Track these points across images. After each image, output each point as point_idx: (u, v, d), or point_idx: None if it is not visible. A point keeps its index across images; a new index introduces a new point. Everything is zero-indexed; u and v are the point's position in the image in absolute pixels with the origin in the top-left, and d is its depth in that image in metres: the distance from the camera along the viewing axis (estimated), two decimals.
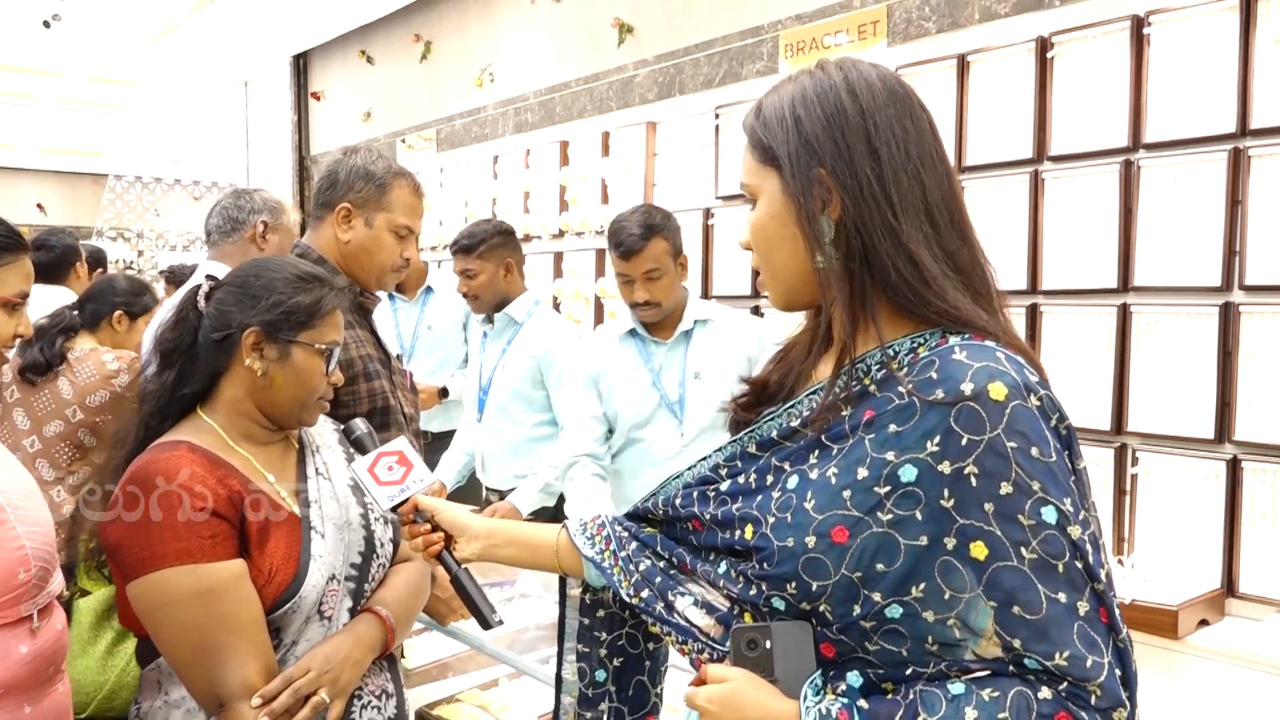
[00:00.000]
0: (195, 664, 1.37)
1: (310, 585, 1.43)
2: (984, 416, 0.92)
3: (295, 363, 1.49)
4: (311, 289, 1.52)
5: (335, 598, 1.48)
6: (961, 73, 3.07)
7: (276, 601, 1.41)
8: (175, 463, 1.40)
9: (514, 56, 4.65)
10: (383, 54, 5.54)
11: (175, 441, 1.46)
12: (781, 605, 1.01)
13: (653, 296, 2.54)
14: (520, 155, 4.84)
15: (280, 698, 1.35)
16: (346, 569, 1.51)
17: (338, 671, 1.42)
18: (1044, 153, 2.90)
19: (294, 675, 1.38)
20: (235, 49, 6.23)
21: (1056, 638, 0.90)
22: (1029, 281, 2.93)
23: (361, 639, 1.48)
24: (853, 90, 1.02)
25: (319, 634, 1.46)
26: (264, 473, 1.49)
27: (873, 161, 1.00)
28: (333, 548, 1.49)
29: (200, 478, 1.39)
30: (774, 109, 1.05)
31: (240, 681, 1.35)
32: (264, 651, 1.39)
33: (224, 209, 2.79)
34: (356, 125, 5.80)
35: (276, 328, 1.49)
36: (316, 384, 1.51)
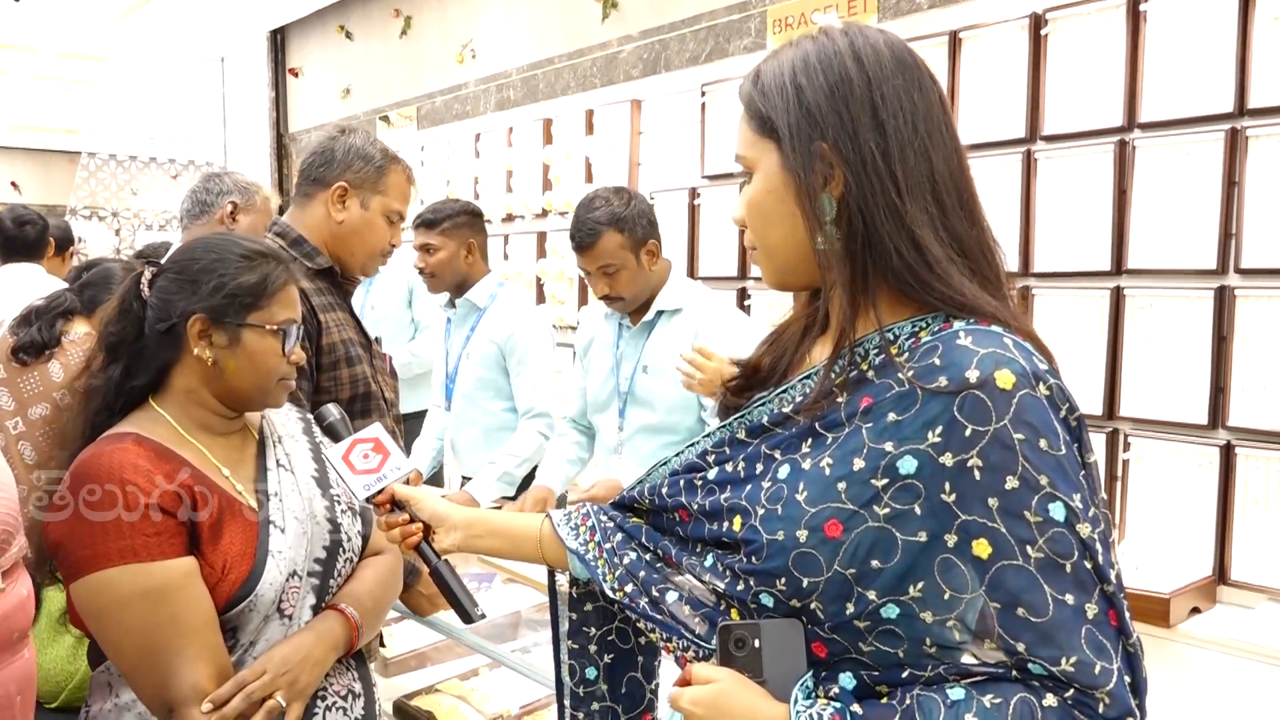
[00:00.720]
0: (143, 667, 1.30)
1: (267, 583, 1.36)
2: (990, 406, 0.86)
3: (247, 346, 1.42)
4: (256, 266, 1.44)
5: (297, 595, 1.41)
6: (953, 50, 3.00)
7: (231, 600, 1.34)
8: (119, 456, 1.33)
9: (496, 32, 4.55)
10: (362, 29, 5.43)
11: (122, 434, 1.38)
12: (770, 602, 0.95)
13: (612, 290, 2.45)
14: (503, 133, 4.75)
15: (232, 702, 1.28)
16: (309, 564, 1.44)
17: (296, 673, 1.35)
18: (1037, 132, 2.84)
19: (247, 678, 1.31)
20: (211, 24, 6.09)
21: (1063, 642, 0.84)
22: (1021, 263, 2.87)
23: (323, 638, 1.41)
24: (859, 58, 0.95)
25: (279, 633, 1.39)
26: (219, 465, 1.42)
27: (878, 136, 0.93)
28: (294, 543, 1.42)
29: (145, 472, 1.32)
30: (774, 76, 0.98)
31: (190, 685, 1.28)
32: (216, 653, 1.32)
33: (193, 192, 2.74)
34: (335, 102, 5.68)
35: (222, 312, 1.41)
36: (273, 365, 1.43)
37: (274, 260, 1.47)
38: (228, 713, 1.27)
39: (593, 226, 2.39)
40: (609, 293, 2.44)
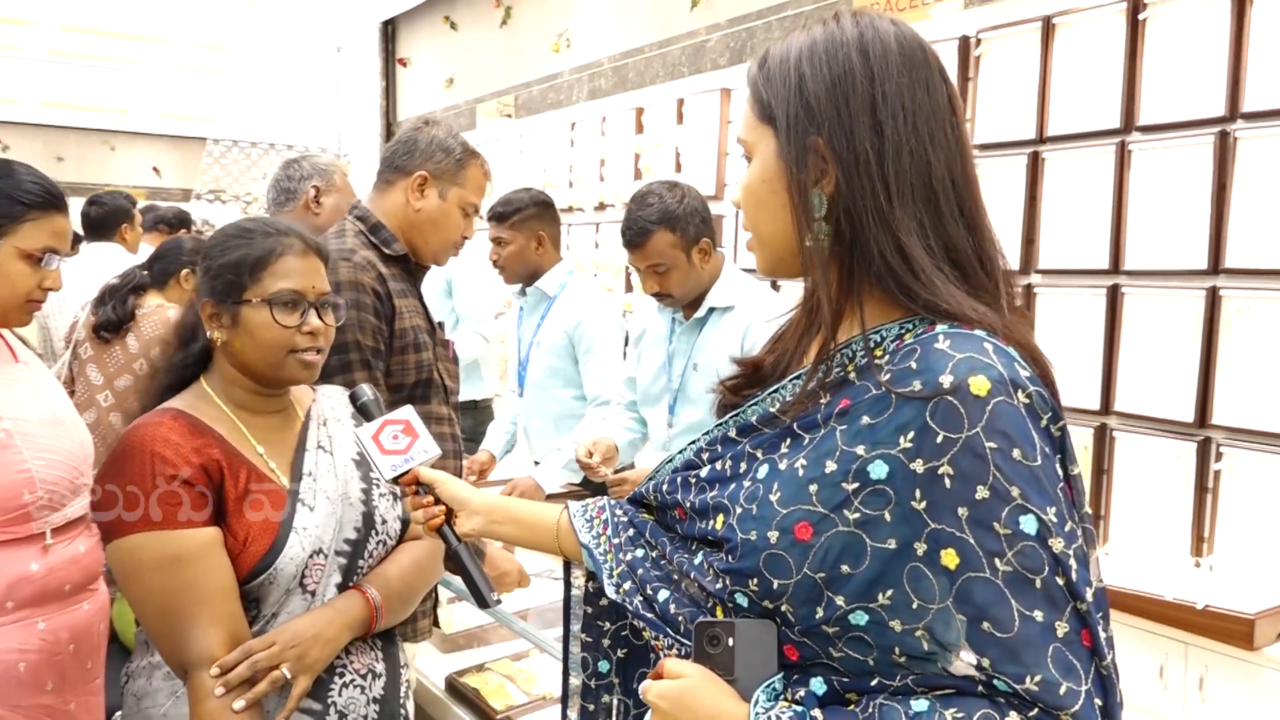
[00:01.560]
0: (162, 630, 1.37)
1: (288, 557, 1.40)
2: (962, 413, 0.83)
3: (246, 323, 1.45)
4: (246, 242, 1.48)
5: (321, 572, 1.45)
6: (1046, 36, 2.88)
7: (251, 571, 1.39)
8: (153, 430, 1.40)
9: (590, 21, 4.59)
10: (466, 19, 5.54)
11: (164, 409, 1.46)
12: (745, 602, 0.94)
13: (662, 288, 2.42)
14: (596, 122, 4.79)
15: (237, 669, 1.33)
16: (338, 543, 1.47)
17: (305, 648, 1.38)
18: (1132, 123, 2.71)
19: (254, 648, 1.35)
20: (328, 15, 6.32)
21: (1029, 659, 0.81)
22: (1111, 260, 2.75)
23: (339, 616, 1.44)
24: (865, 51, 0.92)
25: (301, 607, 1.43)
26: (254, 443, 1.47)
27: (874, 136, 0.91)
28: (321, 521, 1.45)
29: (175, 445, 1.38)
30: (779, 61, 0.96)
31: (202, 649, 1.33)
32: (231, 621, 1.36)
33: (276, 180, 2.85)
34: (439, 92, 5.83)
35: (222, 293, 1.46)
36: (273, 338, 1.44)
37: (266, 234, 1.49)
38: (232, 678, 1.32)
39: (643, 225, 2.35)
40: (659, 290, 2.43)
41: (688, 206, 2.38)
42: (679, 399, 2.51)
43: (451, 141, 2.06)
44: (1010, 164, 2.97)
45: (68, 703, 1.65)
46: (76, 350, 2.88)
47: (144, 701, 1.43)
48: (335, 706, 1.44)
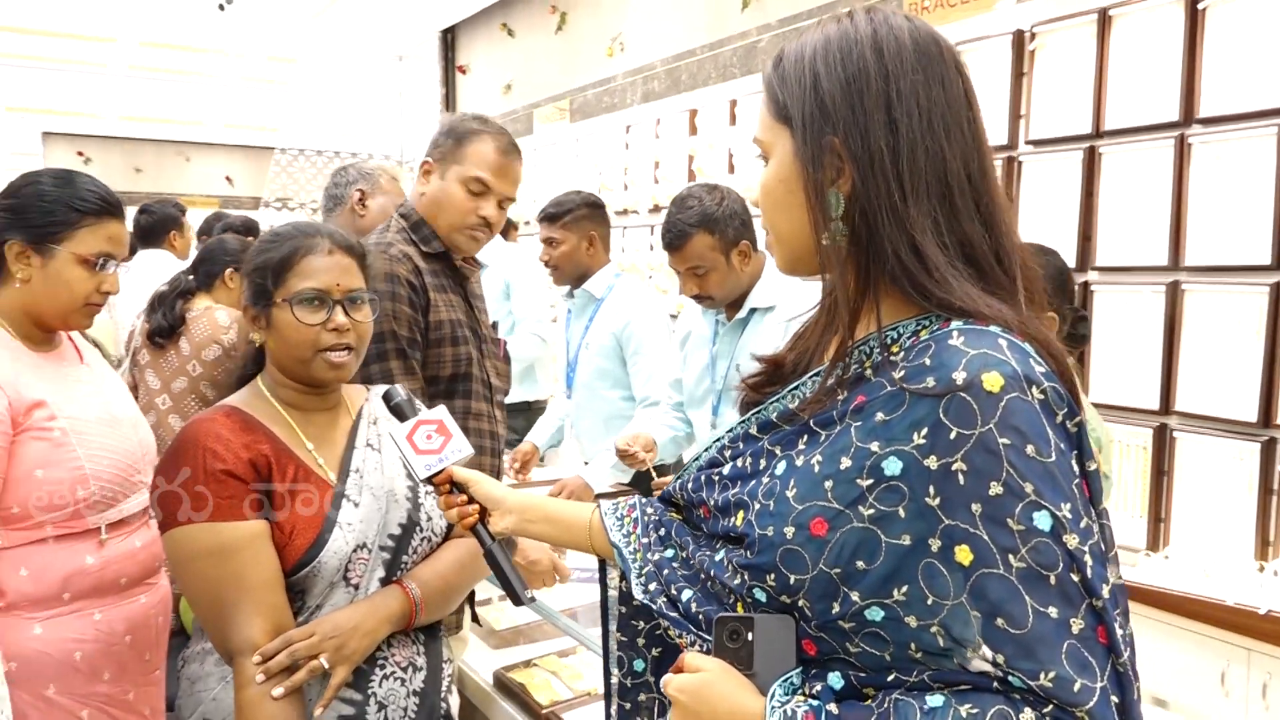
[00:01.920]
0: (210, 617, 1.42)
1: (331, 551, 1.44)
2: (975, 409, 0.83)
3: (276, 324, 1.50)
4: (271, 246, 1.52)
5: (365, 566, 1.49)
6: (1102, 28, 2.83)
7: (296, 564, 1.44)
8: (207, 427, 1.45)
9: (643, 24, 4.61)
10: (522, 26, 5.62)
11: (220, 405, 1.52)
12: (763, 597, 0.95)
13: (701, 290, 2.42)
14: (651, 125, 4.82)
15: (277, 657, 1.37)
16: (381, 539, 1.51)
17: (344, 639, 1.41)
18: (1192, 115, 2.64)
19: (295, 637, 1.39)
20: (390, 24, 6.46)
21: (1043, 656, 0.81)
22: (1171, 257, 2.68)
23: (378, 610, 1.47)
24: (879, 48, 0.93)
25: (345, 600, 1.47)
26: (304, 440, 1.52)
27: (889, 134, 0.91)
28: (366, 517, 1.49)
29: (226, 441, 1.43)
30: (794, 61, 0.97)
31: (245, 637, 1.38)
32: (274, 611, 1.41)
33: (326, 189, 2.93)
34: (497, 97, 5.91)
35: (255, 298, 1.52)
36: (299, 338, 1.48)
37: (293, 236, 1.53)
38: (272, 666, 1.36)
39: (682, 228, 2.35)
40: (699, 292, 2.43)
41: (727, 209, 2.37)
42: (722, 400, 2.52)
43: (456, 123, 2.04)
44: (1066, 160, 2.92)
45: (126, 693, 1.72)
46: (135, 357, 2.98)
47: (196, 685, 1.49)
48: (375, 697, 1.47)
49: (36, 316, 1.71)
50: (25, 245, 1.65)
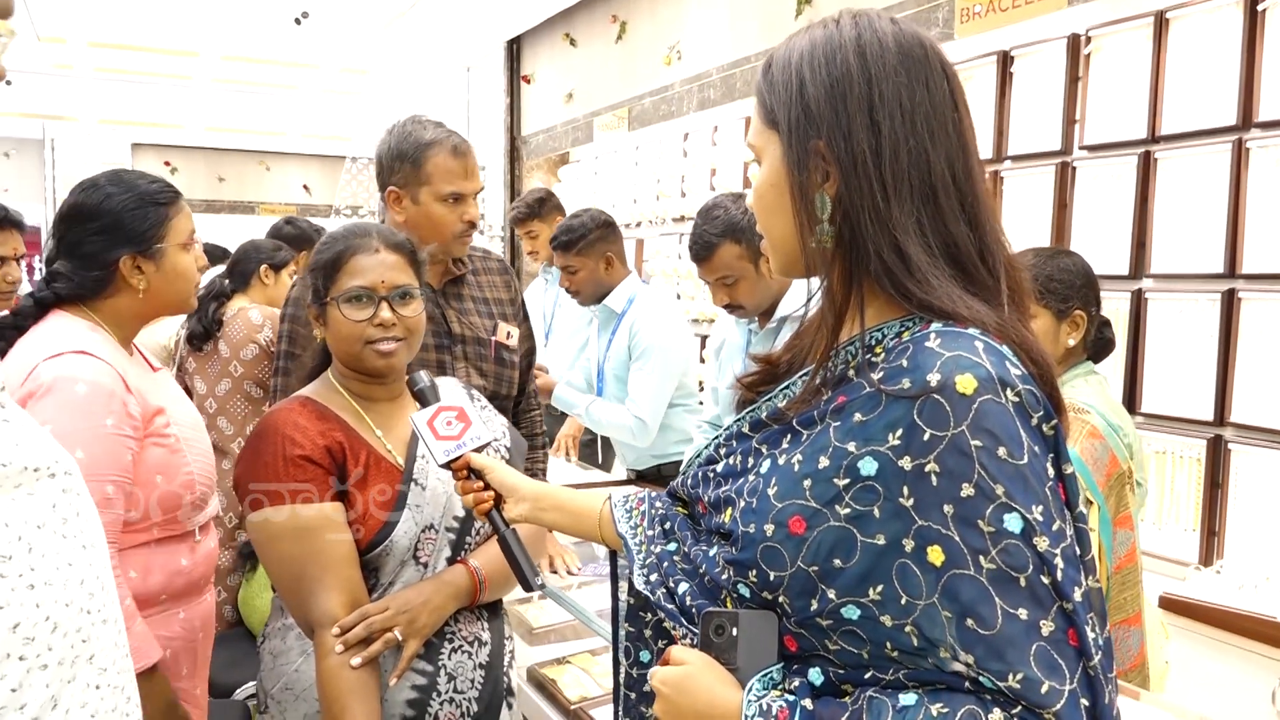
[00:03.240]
0: (291, 592, 1.52)
1: (402, 532, 1.54)
2: (948, 411, 0.85)
3: (330, 321, 1.59)
4: (325, 247, 1.61)
5: (433, 545, 1.58)
6: (1159, 32, 2.77)
7: (370, 544, 1.53)
8: (286, 416, 1.55)
9: (699, 32, 4.64)
10: (584, 36, 5.69)
11: (295, 396, 1.63)
12: (747, 592, 0.98)
13: (732, 300, 2.42)
14: (708, 132, 4.84)
15: (355, 629, 1.46)
16: (448, 520, 1.60)
17: (415, 613, 1.51)
18: (1251, 120, 2.57)
19: (371, 611, 1.49)
20: (457, 35, 6.60)
21: (1012, 657, 0.82)
22: (1227, 264, 2.61)
23: (445, 587, 1.56)
24: (862, 51, 0.95)
25: (414, 577, 1.56)
26: (373, 427, 1.61)
27: (872, 136, 0.93)
28: (433, 500, 1.58)
29: (303, 428, 1.53)
30: (782, 67, 1.00)
31: (324, 610, 1.47)
32: (351, 586, 1.50)
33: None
34: (560, 106, 5.99)
35: (314, 297, 1.61)
36: (349, 332, 1.56)
37: (344, 237, 1.61)
38: (350, 638, 1.46)
39: (709, 239, 2.37)
40: (729, 302, 2.44)
41: (752, 217, 2.37)
42: None
43: (404, 144, 2.04)
44: (1121, 165, 2.87)
45: (195, 686, 1.81)
46: (182, 365, 3.10)
47: (279, 660, 1.59)
48: (445, 669, 1.57)
49: (156, 314, 1.78)
50: (135, 256, 1.70)
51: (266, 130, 10.64)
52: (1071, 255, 1.93)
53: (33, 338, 1.64)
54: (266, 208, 11.82)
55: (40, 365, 1.54)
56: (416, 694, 1.54)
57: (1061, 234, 3.03)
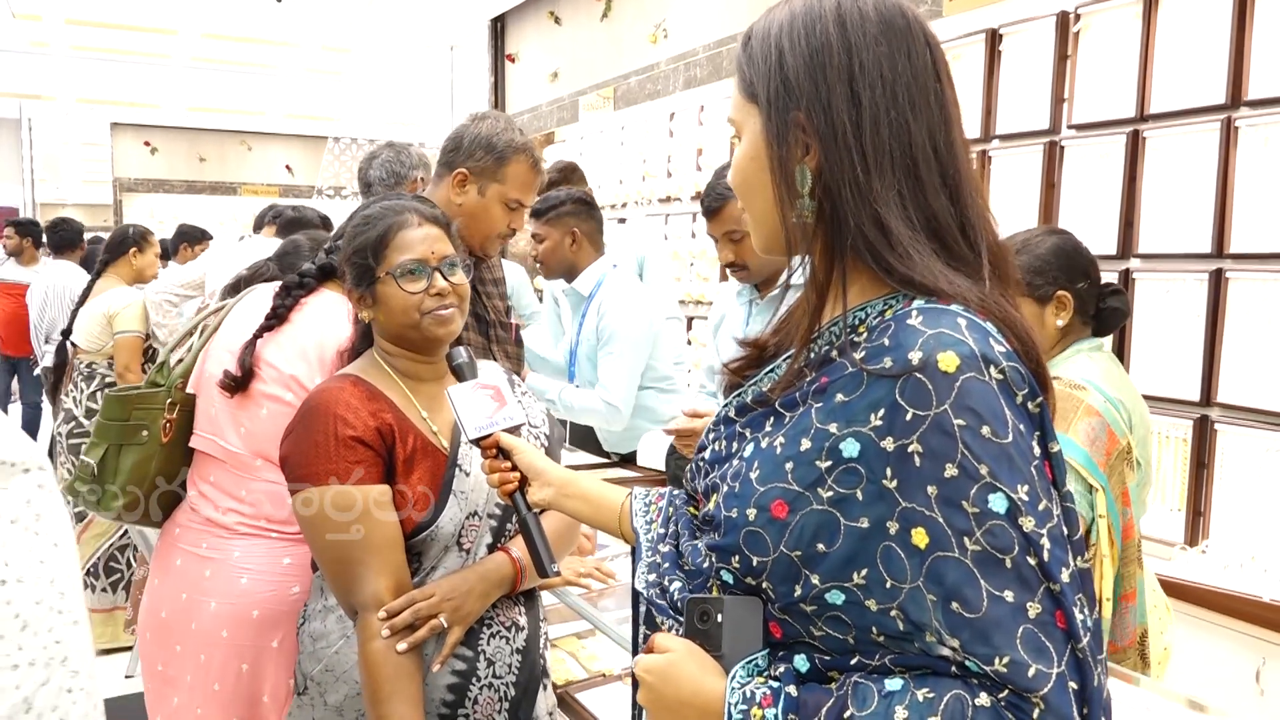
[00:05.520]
0: (337, 574, 1.50)
1: (447, 518, 1.52)
2: (931, 390, 0.82)
3: (383, 299, 1.56)
4: (365, 228, 1.58)
5: (476, 532, 1.56)
6: (1149, 10, 2.74)
7: (415, 529, 1.51)
8: (336, 395, 1.52)
9: (686, 10, 4.60)
10: (569, 14, 5.63)
11: (344, 374, 1.59)
12: (730, 579, 0.95)
13: (737, 258, 2.41)
14: (694, 112, 4.80)
15: (402, 615, 1.45)
16: (490, 507, 1.58)
17: (460, 600, 1.50)
18: (1240, 98, 2.55)
19: (417, 597, 1.47)
20: (441, 13, 6.53)
21: (998, 641, 0.80)
22: (1215, 244, 2.60)
23: (488, 575, 1.55)
24: (842, 21, 0.92)
25: (457, 563, 1.55)
26: (419, 408, 1.58)
27: (851, 107, 0.90)
28: (476, 485, 1.56)
29: (354, 409, 1.50)
30: (761, 39, 0.97)
31: (371, 593, 1.46)
32: (396, 570, 1.48)
33: (386, 162, 2.95)
34: (545, 85, 5.94)
35: (358, 279, 1.57)
36: (406, 304, 1.54)
37: (383, 215, 1.58)
38: (397, 623, 1.44)
39: (720, 193, 2.38)
40: (734, 260, 2.43)
41: None
42: None
43: (495, 138, 2.08)
44: (1109, 144, 2.85)
45: None
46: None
47: (319, 642, 1.57)
48: (484, 654, 1.56)
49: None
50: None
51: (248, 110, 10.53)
52: (1059, 233, 1.91)
53: None
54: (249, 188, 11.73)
55: None
56: (457, 679, 1.53)
57: (1049, 213, 3.01)
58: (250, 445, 1.71)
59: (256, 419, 1.71)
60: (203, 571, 1.69)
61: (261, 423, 1.70)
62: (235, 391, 1.71)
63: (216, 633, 1.66)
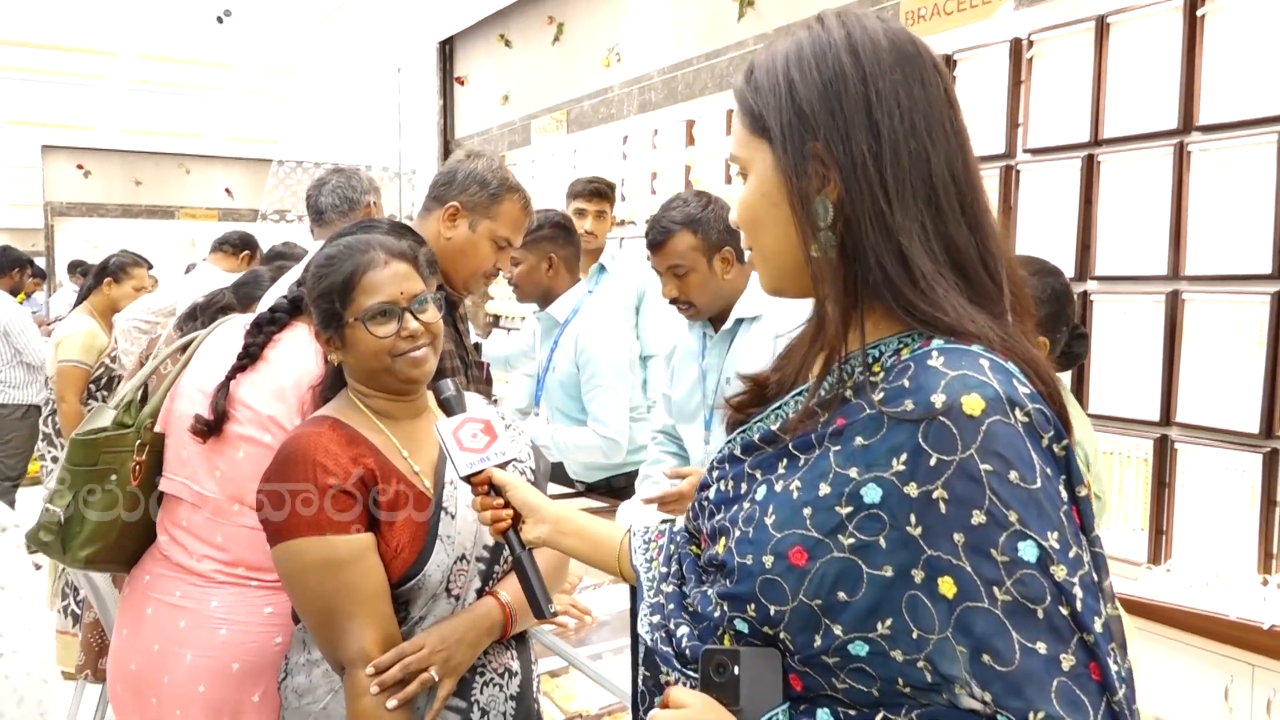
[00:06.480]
0: (321, 627, 1.43)
1: (435, 564, 1.46)
2: (955, 434, 0.80)
3: (351, 343, 1.50)
4: (330, 269, 1.51)
5: (464, 577, 1.51)
6: (1100, 36, 2.80)
7: (402, 577, 1.45)
8: (315, 440, 1.46)
9: (639, 35, 4.60)
10: (520, 37, 5.60)
11: (322, 418, 1.52)
12: (745, 628, 0.92)
13: (680, 294, 2.37)
14: (648, 135, 4.80)
15: (391, 670, 1.39)
16: (478, 550, 1.52)
17: (450, 651, 1.45)
18: (1192, 123, 2.61)
19: (407, 650, 1.42)
20: (387, 36, 6.46)
21: (1031, 694, 0.77)
22: (1171, 266, 2.65)
23: (479, 622, 1.50)
24: (854, 50, 0.89)
25: (446, 610, 1.49)
26: (400, 449, 1.52)
27: (871, 137, 0.88)
28: (463, 528, 1.50)
29: (334, 455, 1.44)
30: (766, 71, 0.94)
31: (358, 649, 1.40)
32: (384, 622, 1.43)
33: (337, 188, 2.88)
34: (495, 108, 5.90)
35: (325, 323, 1.51)
36: (377, 348, 1.48)
37: (348, 255, 1.52)
38: (386, 679, 1.38)
39: (666, 225, 2.34)
40: (678, 296, 2.38)
41: (712, 213, 2.35)
42: (714, 415, 2.48)
43: (490, 175, 2.09)
44: (1064, 168, 2.90)
45: None
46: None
47: (304, 698, 1.50)
48: (478, 704, 1.52)
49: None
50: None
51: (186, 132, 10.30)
52: (1053, 274, 1.90)
53: None
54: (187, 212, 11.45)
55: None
56: None
57: (1006, 237, 3.05)
58: (227, 489, 1.63)
59: (233, 462, 1.63)
60: (177, 622, 1.61)
61: (238, 465, 1.63)
62: (208, 437, 1.64)
63: (193, 687, 1.58)
